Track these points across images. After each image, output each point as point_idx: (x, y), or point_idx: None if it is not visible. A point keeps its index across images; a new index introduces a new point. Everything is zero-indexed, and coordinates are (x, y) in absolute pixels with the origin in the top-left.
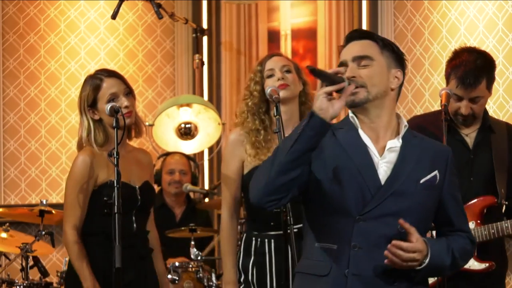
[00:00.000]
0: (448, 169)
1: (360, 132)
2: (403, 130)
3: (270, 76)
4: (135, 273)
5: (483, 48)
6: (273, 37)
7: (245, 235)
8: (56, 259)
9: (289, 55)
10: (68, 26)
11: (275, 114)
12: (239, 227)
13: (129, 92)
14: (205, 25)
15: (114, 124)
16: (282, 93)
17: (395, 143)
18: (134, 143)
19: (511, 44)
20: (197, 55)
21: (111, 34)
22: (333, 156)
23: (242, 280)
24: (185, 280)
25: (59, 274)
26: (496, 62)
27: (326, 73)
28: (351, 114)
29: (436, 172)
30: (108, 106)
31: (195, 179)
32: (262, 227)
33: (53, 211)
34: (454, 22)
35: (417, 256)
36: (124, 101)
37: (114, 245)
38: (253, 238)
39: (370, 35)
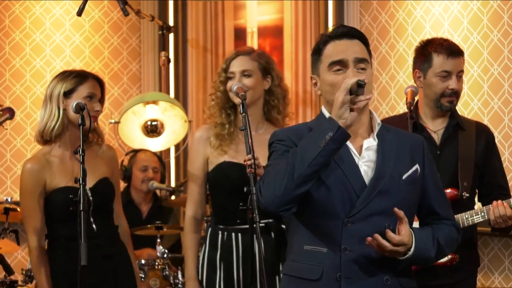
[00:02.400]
0: (426, 158)
1: None
2: (377, 128)
3: (231, 78)
4: (99, 274)
5: None
6: (240, 34)
7: (210, 229)
8: (21, 257)
9: None
10: (33, 22)
11: (241, 112)
12: (205, 224)
13: (101, 102)
14: (171, 22)
15: (79, 122)
16: (238, 101)
17: (371, 142)
18: None
19: (476, 42)
20: (163, 53)
21: (76, 31)
22: None
23: (207, 273)
24: (151, 278)
25: (24, 272)
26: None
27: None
28: (328, 115)
29: (416, 165)
30: (74, 103)
31: (163, 177)
32: (228, 222)
33: (18, 209)
34: (420, 20)
35: (401, 249)
36: (97, 105)
37: (80, 243)
38: (220, 232)
39: (361, 34)
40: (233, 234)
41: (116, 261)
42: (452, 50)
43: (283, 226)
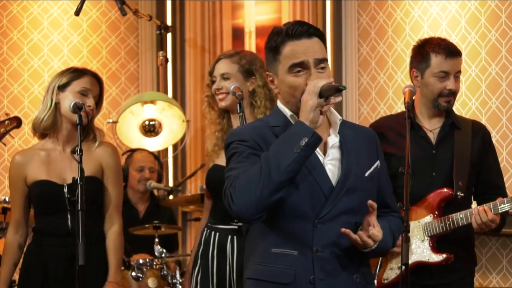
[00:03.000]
0: (379, 152)
1: None
2: (338, 124)
3: (214, 82)
4: (66, 272)
5: None
6: (238, 34)
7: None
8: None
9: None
10: (31, 22)
11: (238, 111)
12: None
13: (99, 101)
14: (169, 22)
15: (77, 121)
16: (220, 104)
17: (334, 140)
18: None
19: (473, 42)
20: (161, 52)
21: (74, 31)
22: None
23: (192, 268)
24: (149, 278)
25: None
26: None
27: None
28: (290, 113)
29: (377, 162)
30: (72, 103)
31: (160, 177)
32: (216, 221)
33: None
34: (418, 20)
35: (371, 242)
36: (90, 101)
37: (78, 243)
38: (205, 229)
39: (319, 32)
40: (213, 232)
41: (88, 262)
42: (451, 51)
43: None
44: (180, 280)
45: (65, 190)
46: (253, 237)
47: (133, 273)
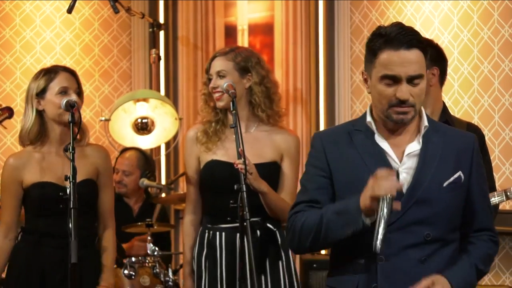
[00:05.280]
0: (474, 162)
1: (377, 138)
2: (423, 131)
3: (211, 80)
4: (62, 275)
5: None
6: (230, 32)
7: (201, 228)
8: None
9: None
10: (24, 20)
11: (232, 109)
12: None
13: (80, 93)
14: (161, 20)
15: (69, 119)
16: (218, 105)
17: (415, 147)
18: (90, 138)
19: (466, 40)
20: (153, 50)
21: (67, 29)
22: (352, 166)
23: (196, 272)
24: (142, 276)
25: None
26: (451, 58)
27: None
28: (368, 119)
29: (459, 172)
30: (64, 101)
31: (148, 175)
32: (216, 221)
33: None
34: (410, 18)
35: None
36: (73, 97)
37: (70, 241)
38: (206, 231)
39: (421, 43)
40: (217, 233)
41: (84, 266)
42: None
43: (268, 225)
44: (173, 278)
45: (61, 192)
46: (334, 246)
47: (126, 271)
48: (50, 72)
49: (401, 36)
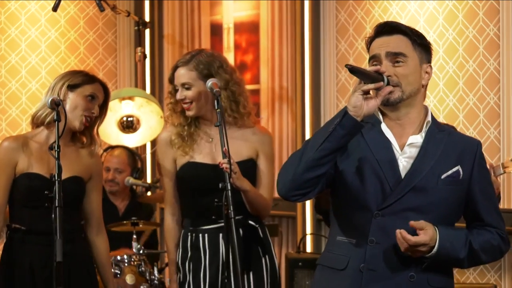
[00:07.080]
0: (476, 163)
1: (383, 127)
2: (425, 126)
3: (177, 90)
4: (49, 273)
5: None
6: (216, 30)
7: (183, 232)
8: None
9: (232, 49)
10: (9, 18)
11: (216, 108)
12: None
13: (103, 110)
14: (147, 18)
15: (54, 117)
16: (188, 114)
17: (417, 139)
18: None
19: (451, 39)
20: (139, 48)
21: (52, 27)
22: (357, 150)
23: (180, 276)
24: (127, 274)
25: None
26: (436, 57)
27: (365, 70)
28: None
29: (458, 167)
30: (50, 99)
31: (138, 173)
32: (198, 222)
33: None
34: (396, 16)
35: (422, 248)
36: (95, 108)
37: (55, 239)
38: (189, 234)
39: (402, 29)
40: (200, 234)
41: (71, 261)
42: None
43: (251, 222)
44: (158, 277)
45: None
46: (330, 225)
47: None
48: (89, 76)
49: (386, 26)
